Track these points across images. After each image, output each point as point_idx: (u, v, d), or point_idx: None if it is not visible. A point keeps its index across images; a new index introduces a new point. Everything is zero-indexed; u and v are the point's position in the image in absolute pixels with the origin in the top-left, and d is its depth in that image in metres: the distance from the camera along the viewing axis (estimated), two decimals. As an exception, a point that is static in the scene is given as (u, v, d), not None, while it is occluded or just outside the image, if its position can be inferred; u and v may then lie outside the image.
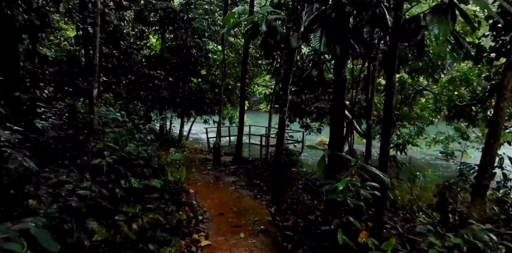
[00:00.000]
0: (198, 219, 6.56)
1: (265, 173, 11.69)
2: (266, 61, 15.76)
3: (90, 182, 4.07)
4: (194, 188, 9.11)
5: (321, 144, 24.58)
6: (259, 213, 7.38)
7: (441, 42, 7.82)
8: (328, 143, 5.75)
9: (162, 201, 5.58)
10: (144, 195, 4.75)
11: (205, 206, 7.62)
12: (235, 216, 7.09)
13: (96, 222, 3.73)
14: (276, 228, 6.52)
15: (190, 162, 13.22)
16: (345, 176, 4.05)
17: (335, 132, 5.50)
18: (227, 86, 18.49)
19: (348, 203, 3.77)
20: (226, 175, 11.48)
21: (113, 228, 3.85)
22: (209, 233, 6.00)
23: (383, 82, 14.06)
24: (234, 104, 19.73)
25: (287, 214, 7.76)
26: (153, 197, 4.82)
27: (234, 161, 13.46)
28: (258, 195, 9.24)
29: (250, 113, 30.33)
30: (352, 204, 3.77)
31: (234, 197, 8.71)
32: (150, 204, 4.63)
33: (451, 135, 15.55)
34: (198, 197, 8.25)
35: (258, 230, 6.34)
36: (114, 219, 3.94)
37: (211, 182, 10.30)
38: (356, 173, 4.08)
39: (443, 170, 16.96)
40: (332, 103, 5.53)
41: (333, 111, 5.50)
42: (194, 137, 24.74)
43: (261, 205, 8.12)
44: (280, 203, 8.40)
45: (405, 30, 4.23)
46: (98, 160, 4.51)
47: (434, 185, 10.29)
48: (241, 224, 6.60)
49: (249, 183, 10.51)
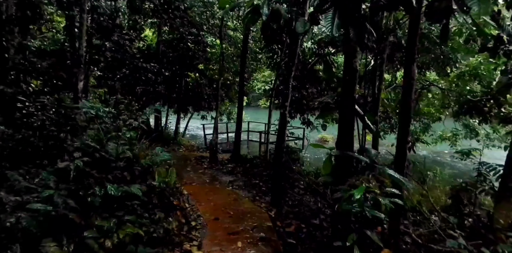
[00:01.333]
0: (190, 225, 5.92)
1: (264, 172, 11.07)
2: (266, 55, 15.17)
3: (53, 191, 3.40)
4: (188, 189, 8.49)
5: (322, 141, 24.00)
6: (258, 218, 6.76)
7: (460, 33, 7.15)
8: (336, 141, 5.13)
9: (149, 206, 4.96)
10: (125, 202, 4.09)
11: (199, 209, 6.98)
12: (232, 221, 6.46)
13: (54, 243, 3.04)
14: (277, 236, 5.90)
15: (185, 160, 12.61)
16: (360, 182, 3.40)
17: (344, 129, 4.85)
18: (226, 81, 17.92)
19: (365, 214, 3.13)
20: (223, 174, 10.87)
21: (79, 247, 3.19)
22: (202, 242, 5.37)
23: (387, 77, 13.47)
24: (232, 100, 19.15)
25: (288, 218, 7.16)
26: (136, 204, 4.17)
27: (232, 159, 12.86)
28: (257, 196, 8.63)
29: (249, 109, 29.66)
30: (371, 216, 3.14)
31: (231, 199, 8.09)
32: (132, 213, 3.97)
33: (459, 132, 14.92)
34: (192, 199, 7.63)
35: (257, 238, 5.70)
36: (82, 236, 3.28)
37: (207, 182, 9.68)
38: (373, 178, 3.44)
39: (450, 169, 16.37)
40: (341, 97, 4.88)
41: (342, 106, 4.85)
42: (191, 134, 24.13)
43: (260, 208, 7.49)
44: (280, 205, 7.79)
45: (434, 9, 3.58)
46: (65, 163, 3.82)
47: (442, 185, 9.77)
48: (238, 231, 5.96)
49: (247, 183, 9.89)
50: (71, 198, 3.45)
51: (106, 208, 3.77)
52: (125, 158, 4.55)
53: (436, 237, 6.79)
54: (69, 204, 3.34)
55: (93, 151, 4.40)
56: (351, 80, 4.64)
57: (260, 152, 15.01)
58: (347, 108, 4.77)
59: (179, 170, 10.71)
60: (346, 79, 4.68)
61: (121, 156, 4.50)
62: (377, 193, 3.22)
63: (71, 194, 3.54)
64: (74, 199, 3.46)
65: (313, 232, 6.41)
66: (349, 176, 4.14)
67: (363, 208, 3.12)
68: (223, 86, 16.92)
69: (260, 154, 14.52)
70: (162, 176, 4.86)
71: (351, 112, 4.77)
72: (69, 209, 3.35)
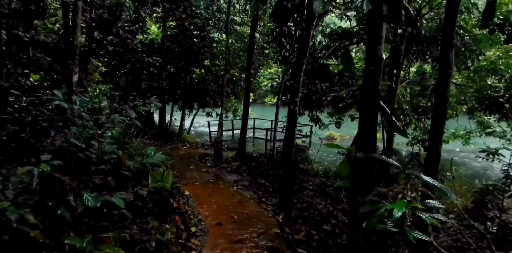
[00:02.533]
0: (190, 231, 5.38)
1: (270, 172, 10.51)
2: (274, 50, 14.57)
3: (8, 203, 2.82)
4: (190, 189, 7.96)
5: (330, 139, 23.38)
6: (264, 223, 6.19)
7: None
8: (355, 141, 4.53)
9: (144, 212, 4.41)
10: (112, 211, 3.52)
11: (200, 213, 6.43)
12: (236, 227, 5.89)
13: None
14: (285, 244, 5.33)
15: (188, 158, 12.12)
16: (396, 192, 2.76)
17: (365, 128, 4.22)
18: (232, 77, 17.39)
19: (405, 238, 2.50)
20: (227, 173, 10.34)
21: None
22: (202, 251, 4.82)
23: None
24: (238, 96, 18.60)
25: (297, 223, 6.59)
26: (122, 214, 3.60)
27: (237, 157, 12.31)
28: (263, 198, 8.08)
29: (255, 106, 29.10)
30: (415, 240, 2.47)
31: (236, 200, 7.53)
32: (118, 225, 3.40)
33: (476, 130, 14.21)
34: (193, 201, 7.09)
35: (264, 247, 5.14)
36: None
37: (210, 182, 9.14)
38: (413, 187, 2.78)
39: (465, 168, 15.67)
40: (363, 90, 4.25)
41: (364, 101, 4.23)
42: (196, 131, 23.66)
43: (266, 212, 6.93)
44: (288, 208, 7.22)
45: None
46: (27, 168, 3.23)
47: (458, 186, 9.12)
48: (243, 239, 5.40)
49: (253, 182, 9.36)
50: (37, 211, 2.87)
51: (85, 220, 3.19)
52: (112, 159, 3.98)
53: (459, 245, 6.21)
54: (28, 221, 2.76)
55: (67, 151, 3.82)
56: (375, 71, 4.00)
57: (266, 150, 14.45)
58: (370, 103, 4.15)
59: (181, 168, 10.26)
60: (369, 70, 4.04)
61: (106, 158, 3.92)
62: (418, 207, 2.57)
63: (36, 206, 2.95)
64: (40, 213, 2.88)
65: (325, 240, 5.83)
66: (374, 182, 3.53)
67: (404, 230, 2.45)
68: (229, 82, 16.42)
69: (266, 152, 13.96)
70: (157, 179, 4.31)
71: (374, 107, 4.14)
72: (30, 226, 2.78)
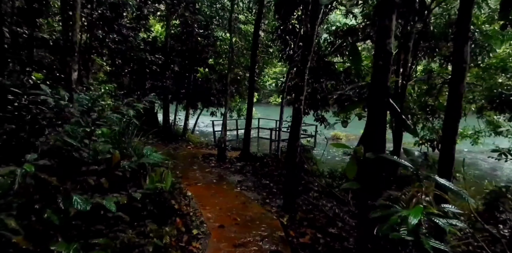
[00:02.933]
0: (191, 234, 5.19)
1: (275, 172, 10.32)
2: (278, 48, 14.37)
3: None
4: (192, 190, 7.78)
5: (335, 138, 23.15)
6: (268, 225, 5.99)
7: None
8: (364, 140, 4.31)
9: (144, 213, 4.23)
10: (107, 214, 3.35)
11: (203, 215, 6.25)
12: (239, 230, 5.70)
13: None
14: (290, 248, 5.12)
15: (192, 158, 11.96)
16: (410, 196, 2.54)
17: (374, 127, 4.00)
18: (236, 77, 17.25)
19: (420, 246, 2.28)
20: (231, 173, 10.14)
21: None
22: (203, 256, 4.65)
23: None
24: (242, 96, 18.46)
25: (302, 226, 6.38)
26: (119, 216, 3.42)
27: (241, 157, 12.13)
28: (267, 199, 7.88)
29: (260, 106, 28.96)
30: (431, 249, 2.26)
31: (239, 202, 7.34)
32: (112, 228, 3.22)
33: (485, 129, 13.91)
34: (195, 202, 6.91)
35: (268, 251, 4.94)
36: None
37: (214, 182, 8.95)
38: (427, 191, 2.56)
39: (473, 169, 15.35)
40: (371, 87, 4.03)
41: (372, 98, 4.01)
42: (200, 130, 23.55)
43: (270, 214, 6.72)
44: (293, 210, 7.01)
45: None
46: (9, 169, 3.03)
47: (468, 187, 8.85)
48: (246, 242, 5.20)
49: (257, 183, 9.16)
50: (22, 215, 2.69)
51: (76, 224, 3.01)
52: (106, 159, 3.80)
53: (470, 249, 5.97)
54: (8, 225, 2.59)
55: (61, 150, 3.64)
56: (384, 66, 3.78)
57: (271, 150, 14.25)
58: (379, 101, 3.92)
59: (184, 168, 10.09)
60: (378, 65, 3.81)
61: (100, 157, 3.74)
62: (434, 213, 2.35)
63: (21, 209, 2.78)
64: (25, 217, 2.70)
65: (331, 244, 5.62)
66: (383, 184, 3.32)
67: (419, 238, 2.23)
68: (233, 82, 16.30)
69: (271, 152, 13.76)
70: (156, 180, 4.13)
71: (383, 105, 3.92)
72: (12, 231, 2.61)
